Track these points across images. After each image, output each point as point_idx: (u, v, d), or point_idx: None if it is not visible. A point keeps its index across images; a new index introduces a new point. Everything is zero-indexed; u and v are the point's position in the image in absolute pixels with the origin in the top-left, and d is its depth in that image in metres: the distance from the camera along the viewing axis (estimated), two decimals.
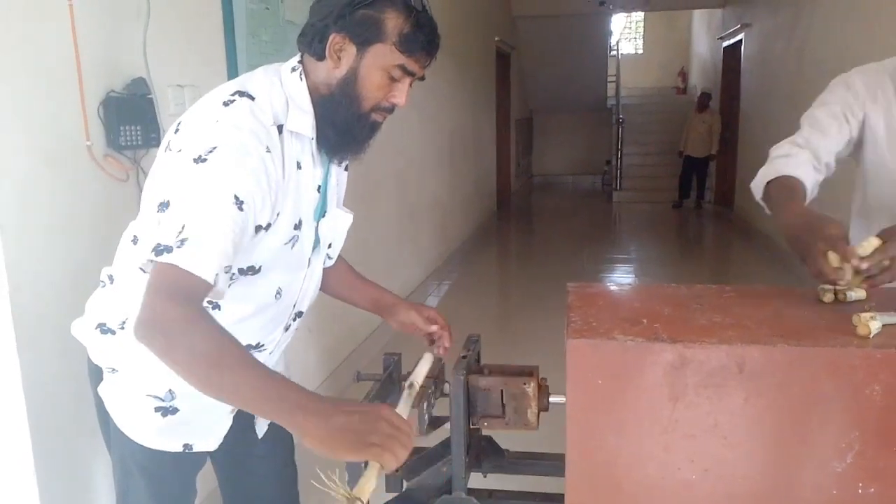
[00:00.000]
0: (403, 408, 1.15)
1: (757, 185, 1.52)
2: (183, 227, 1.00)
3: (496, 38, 8.68)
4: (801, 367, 1.02)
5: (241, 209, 1.04)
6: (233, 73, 2.37)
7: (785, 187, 1.43)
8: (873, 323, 1.05)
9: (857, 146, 1.59)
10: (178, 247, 0.99)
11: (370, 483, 0.92)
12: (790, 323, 1.12)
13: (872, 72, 1.58)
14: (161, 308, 0.96)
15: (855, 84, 1.56)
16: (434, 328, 1.46)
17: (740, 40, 8.53)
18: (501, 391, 1.22)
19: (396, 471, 1.13)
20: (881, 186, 1.61)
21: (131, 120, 1.88)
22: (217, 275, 1.01)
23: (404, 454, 0.93)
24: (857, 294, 1.21)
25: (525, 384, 1.21)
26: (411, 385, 1.22)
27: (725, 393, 1.03)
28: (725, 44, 9.41)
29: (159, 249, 1.00)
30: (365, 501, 0.89)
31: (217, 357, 0.96)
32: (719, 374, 1.02)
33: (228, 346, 0.97)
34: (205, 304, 1.11)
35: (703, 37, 12.11)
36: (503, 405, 1.23)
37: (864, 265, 1.15)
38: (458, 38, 6.47)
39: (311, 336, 3.13)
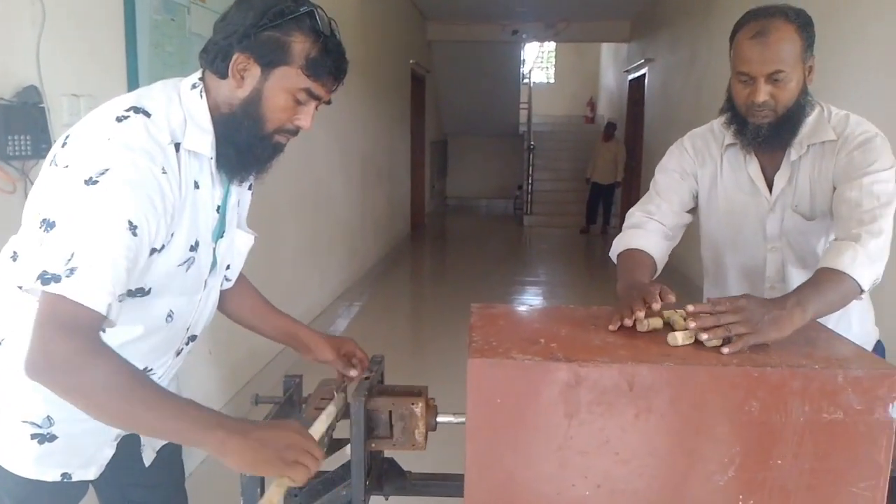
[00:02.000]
0: (317, 427, 1.17)
1: (614, 252, 1.68)
2: (72, 255, 0.96)
3: (411, 61, 8.77)
4: (687, 385, 1.07)
5: (134, 234, 1.01)
6: (133, 84, 2.29)
7: (628, 260, 1.60)
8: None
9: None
10: (67, 276, 0.95)
11: (277, 497, 0.98)
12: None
13: (700, 135, 1.73)
14: (54, 345, 0.94)
15: (687, 148, 1.73)
16: (353, 373, 1.41)
17: (644, 74, 8.97)
18: (390, 412, 1.21)
19: (301, 488, 1.14)
20: (705, 244, 1.78)
21: (20, 129, 1.78)
22: (110, 305, 0.98)
23: (316, 468, 1.02)
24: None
25: (413, 404, 1.21)
26: (329, 411, 1.25)
27: (617, 410, 1.06)
28: (631, 76, 9.87)
29: (46, 278, 0.95)
30: None
31: (126, 389, 0.96)
32: (611, 391, 1.06)
33: (134, 376, 0.98)
34: None
35: (611, 69, 12.66)
36: (391, 426, 1.22)
37: (690, 308, 1.19)
38: (372, 59, 6.49)
39: (210, 358, 3.02)
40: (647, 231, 1.65)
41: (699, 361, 1.09)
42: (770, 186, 1.61)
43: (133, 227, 1.00)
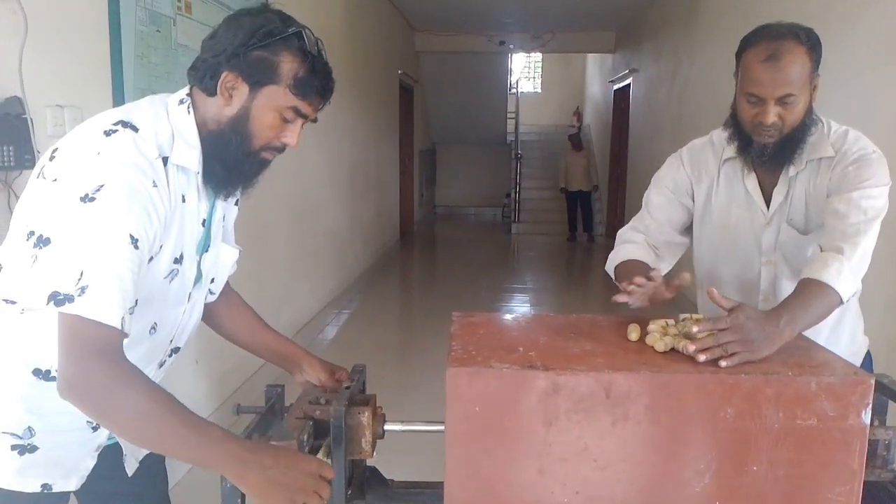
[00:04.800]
0: (331, 470, 1.17)
1: (609, 268, 1.70)
2: (82, 274, 0.98)
3: (399, 71, 8.80)
4: (663, 392, 1.08)
5: (136, 248, 1.03)
6: (118, 94, 2.30)
7: (626, 266, 1.62)
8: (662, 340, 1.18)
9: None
10: (80, 295, 0.98)
11: None
12: (656, 350, 1.19)
13: (698, 148, 1.74)
14: (86, 368, 0.98)
15: (684, 162, 1.73)
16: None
17: (629, 84, 9.04)
18: None
19: None
20: (699, 257, 1.79)
21: (3, 141, 1.78)
22: (123, 318, 1.01)
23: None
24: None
25: (360, 413, 1.21)
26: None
27: (594, 417, 1.08)
28: (616, 86, 9.95)
29: (59, 299, 0.98)
30: None
31: (156, 417, 1.00)
32: (588, 399, 1.07)
33: (165, 405, 1.01)
34: None
35: (597, 79, 12.75)
36: None
37: (695, 328, 1.19)
38: (361, 69, 6.52)
39: (198, 368, 3.01)
40: (637, 245, 1.68)
41: (674, 369, 1.10)
42: (767, 201, 1.62)
43: (134, 241, 1.03)
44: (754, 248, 1.66)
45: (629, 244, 1.69)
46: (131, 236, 1.02)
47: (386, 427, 1.26)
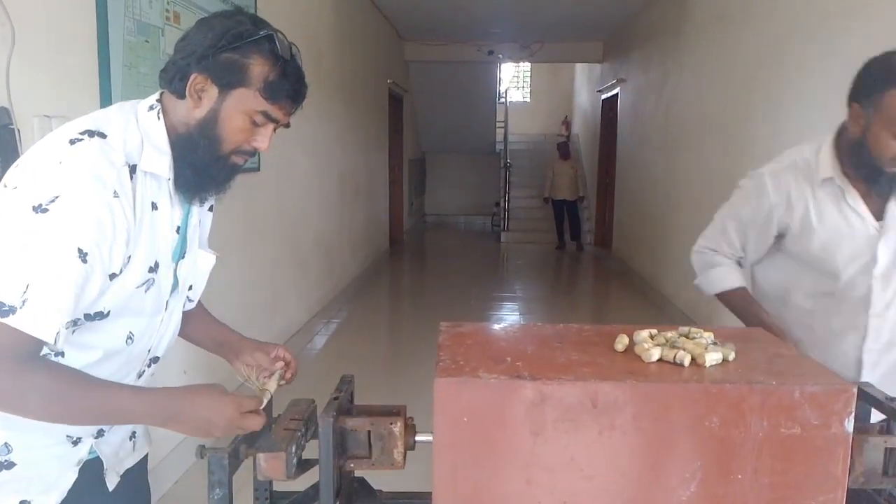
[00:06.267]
0: (251, 401, 1.24)
1: (710, 287, 1.89)
2: (27, 287, 0.97)
3: (389, 81, 8.82)
4: (649, 402, 1.09)
5: (84, 262, 1.01)
6: (106, 104, 2.25)
7: (744, 299, 1.84)
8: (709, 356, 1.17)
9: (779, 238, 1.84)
10: (21, 307, 0.96)
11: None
12: (643, 360, 1.20)
13: (783, 173, 1.77)
14: None
15: (768, 192, 1.77)
16: (280, 365, 1.43)
17: (617, 93, 9.11)
18: (368, 431, 1.22)
19: None
20: (772, 277, 1.90)
21: None
22: (58, 333, 0.99)
23: (241, 433, 1.18)
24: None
25: (392, 424, 1.21)
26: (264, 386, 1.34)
27: (581, 427, 1.08)
28: (604, 96, 10.02)
29: (4, 310, 0.96)
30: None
31: (63, 399, 1.00)
32: (575, 409, 1.08)
33: (69, 383, 1.02)
34: (46, 351, 1.06)
35: (585, 88, 12.83)
36: (370, 445, 1.22)
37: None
38: (350, 79, 6.53)
39: (186, 378, 2.99)
40: (734, 272, 1.86)
41: (660, 378, 1.11)
42: (875, 215, 1.68)
43: (83, 255, 1.01)
44: (867, 262, 1.70)
45: (723, 268, 1.86)
46: (80, 250, 1.00)
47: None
